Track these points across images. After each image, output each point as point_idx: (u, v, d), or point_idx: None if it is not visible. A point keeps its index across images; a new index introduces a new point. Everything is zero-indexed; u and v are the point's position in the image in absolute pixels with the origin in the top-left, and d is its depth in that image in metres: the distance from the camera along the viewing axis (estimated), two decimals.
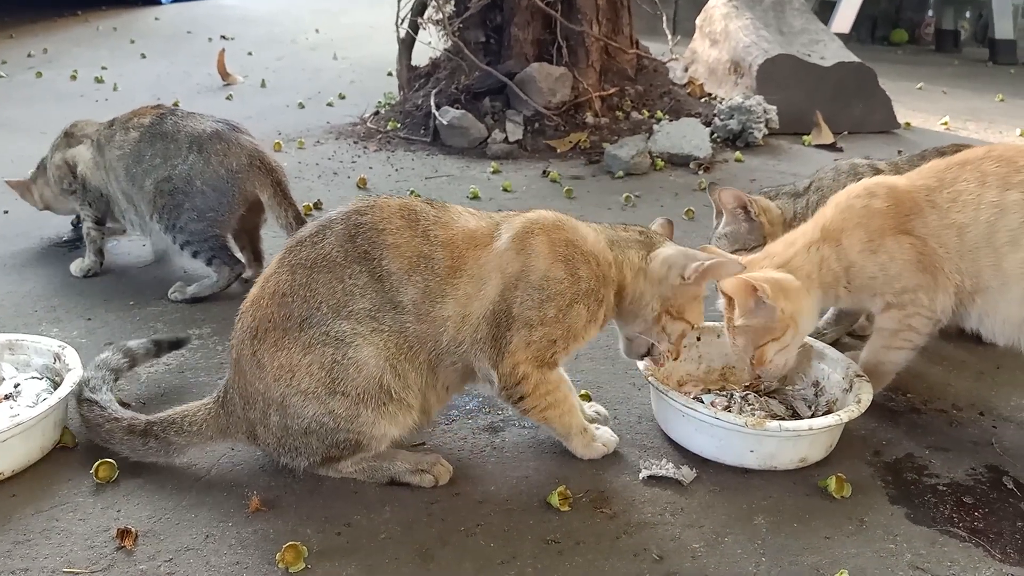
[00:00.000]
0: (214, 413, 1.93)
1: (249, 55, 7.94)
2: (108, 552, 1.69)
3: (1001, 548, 1.78)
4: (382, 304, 1.79)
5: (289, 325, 1.80)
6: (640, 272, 1.94)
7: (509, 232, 1.87)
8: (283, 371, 1.80)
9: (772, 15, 6.06)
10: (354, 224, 1.82)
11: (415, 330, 1.81)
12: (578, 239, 1.89)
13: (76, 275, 3.07)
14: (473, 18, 5.28)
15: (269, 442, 1.89)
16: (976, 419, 2.29)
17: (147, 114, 3.02)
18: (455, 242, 1.84)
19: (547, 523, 1.81)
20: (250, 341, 1.84)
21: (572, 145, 4.95)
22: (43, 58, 7.47)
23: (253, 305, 1.87)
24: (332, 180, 4.35)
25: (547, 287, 1.83)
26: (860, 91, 5.61)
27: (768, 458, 1.99)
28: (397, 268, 1.80)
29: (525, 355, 1.84)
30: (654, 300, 1.95)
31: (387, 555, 1.70)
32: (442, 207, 1.92)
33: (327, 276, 1.79)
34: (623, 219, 3.79)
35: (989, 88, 7.31)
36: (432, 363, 1.86)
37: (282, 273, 1.84)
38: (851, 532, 1.81)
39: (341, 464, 1.91)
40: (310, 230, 1.87)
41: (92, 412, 1.98)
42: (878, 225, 2.14)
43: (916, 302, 2.13)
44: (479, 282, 1.83)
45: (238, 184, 2.86)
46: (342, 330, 1.78)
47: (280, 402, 1.82)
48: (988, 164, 2.10)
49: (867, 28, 10.22)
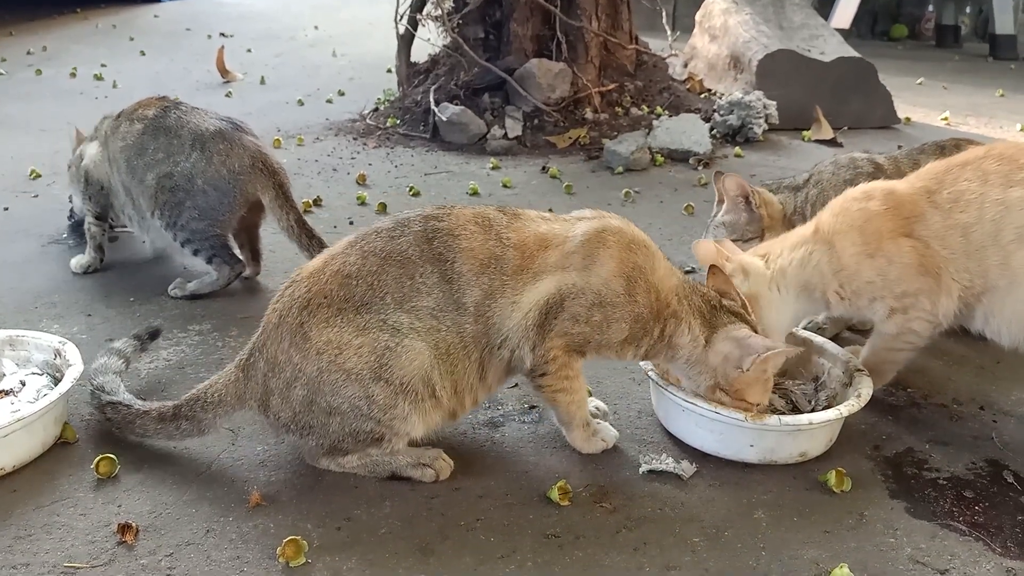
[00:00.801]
0: (234, 378, 1.94)
1: (248, 52, 7.94)
2: (109, 547, 1.69)
3: (1001, 542, 1.78)
4: (445, 304, 1.83)
5: (346, 306, 1.82)
6: (695, 344, 1.94)
7: (582, 236, 1.90)
8: (330, 346, 1.81)
9: (772, 10, 6.05)
10: (432, 228, 1.86)
11: (472, 330, 1.86)
12: (647, 266, 1.92)
13: (76, 271, 3.07)
14: (472, 14, 5.28)
15: (282, 414, 1.88)
16: (976, 413, 2.29)
17: (152, 106, 3.00)
18: (527, 244, 1.88)
19: (547, 517, 1.81)
20: (299, 310, 1.85)
21: (572, 141, 4.95)
22: (43, 55, 7.47)
23: (311, 277, 1.88)
24: (332, 176, 4.35)
25: (602, 295, 1.87)
26: (860, 86, 5.61)
27: (768, 452, 1.99)
28: (468, 270, 1.84)
29: (561, 341, 1.88)
30: (706, 377, 1.96)
31: (387, 549, 1.71)
32: (514, 213, 1.95)
33: (398, 270, 1.83)
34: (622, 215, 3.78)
35: (989, 83, 7.30)
36: (483, 360, 1.89)
37: (351, 255, 1.86)
38: (851, 526, 1.82)
39: (347, 458, 1.91)
40: (387, 224, 1.91)
41: (119, 413, 2.00)
42: (875, 228, 2.13)
43: (918, 306, 2.12)
44: (539, 275, 1.87)
45: (240, 185, 2.85)
46: (400, 321, 1.82)
47: (315, 376, 1.82)
48: (989, 163, 2.09)
49: (867, 23, 10.22)
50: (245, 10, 10.17)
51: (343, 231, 3.51)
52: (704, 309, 1.96)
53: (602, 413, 2.16)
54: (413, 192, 4.06)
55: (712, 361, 1.94)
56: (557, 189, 4.19)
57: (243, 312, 2.79)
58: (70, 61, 7.18)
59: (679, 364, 1.99)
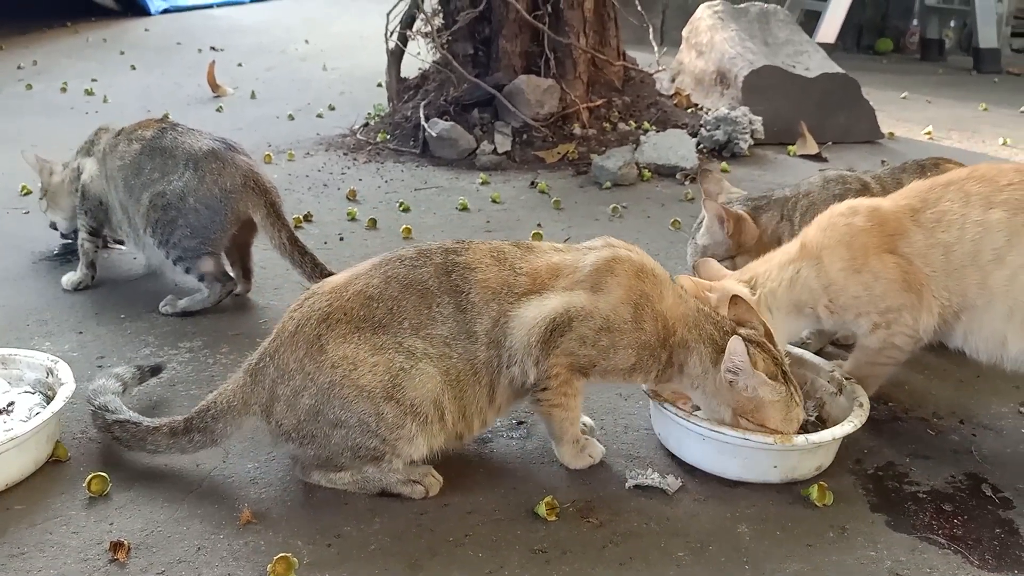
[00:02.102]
0: (242, 383, 1.97)
1: (239, 66, 7.96)
2: (101, 565, 1.71)
3: (979, 555, 1.82)
4: (458, 333, 1.90)
5: (365, 325, 1.88)
6: (707, 372, 1.97)
7: (592, 264, 1.95)
8: (345, 361, 1.85)
9: (757, 26, 6.12)
10: (451, 262, 1.95)
11: (484, 357, 1.92)
12: (655, 294, 1.96)
13: (67, 288, 3.09)
14: (462, 31, 5.32)
15: (285, 422, 1.91)
16: (956, 427, 2.33)
17: (151, 127, 3.05)
18: (538, 272, 1.96)
19: (534, 533, 1.84)
20: (318, 322, 1.89)
21: (560, 156, 4.98)
22: (33, 70, 7.47)
23: (332, 293, 1.93)
24: (322, 192, 4.37)
25: (610, 321, 1.92)
26: (844, 102, 5.67)
27: (790, 471, 2.01)
28: (480, 299, 1.91)
29: (566, 360, 1.92)
30: (725, 406, 1.98)
31: (377, 566, 1.73)
32: (529, 247, 2.03)
33: (417, 299, 1.90)
34: (610, 230, 3.83)
35: (973, 97, 7.38)
36: (493, 382, 1.94)
37: (374, 278, 1.93)
38: (833, 540, 1.85)
39: (340, 474, 1.94)
40: (411, 253, 1.98)
41: (128, 431, 2.01)
42: (861, 244, 2.18)
43: (900, 321, 2.16)
44: (547, 294, 1.92)
45: (231, 204, 2.87)
46: (415, 346, 1.88)
47: (327, 388, 1.85)
48: (971, 184, 2.14)
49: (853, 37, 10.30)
50: (236, 24, 10.19)
51: (334, 247, 3.54)
52: (716, 336, 1.98)
53: (589, 428, 2.20)
54: (403, 207, 4.09)
55: (721, 388, 1.96)
56: (546, 204, 4.22)
57: (234, 329, 2.81)
58: (60, 75, 7.18)
59: (697, 394, 2.02)
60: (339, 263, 2.13)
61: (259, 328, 2.82)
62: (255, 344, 2.01)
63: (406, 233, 3.69)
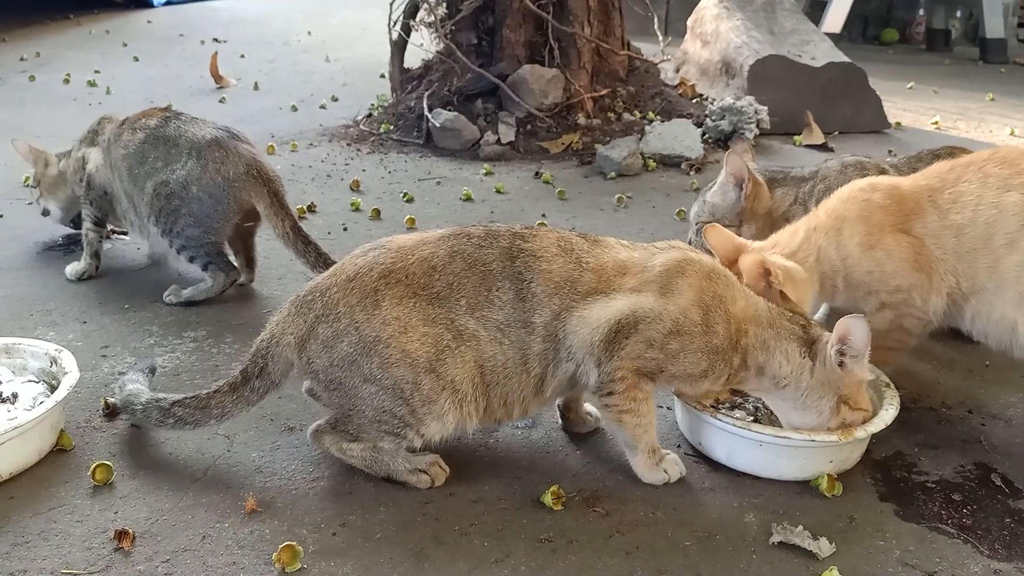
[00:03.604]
0: (286, 313, 1.95)
1: (241, 57, 7.94)
2: (106, 553, 1.71)
3: (989, 544, 1.81)
4: (514, 321, 1.87)
5: (423, 293, 1.87)
6: (802, 368, 1.91)
7: (662, 265, 1.90)
8: (397, 322, 1.84)
9: (763, 16, 6.09)
10: (517, 247, 1.91)
11: (538, 349, 1.88)
12: (727, 297, 1.91)
13: (71, 278, 3.08)
14: (465, 20, 5.30)
15: (316, 361, 1.89)
16: (965, 417, 2.31)
17: (154, 116, 3.05)
18: (604, 268, 1.91)
19: (540, 522, 1.83)
20: (379, 276, 1.88)
21: (564, 146, 4.97)
22: (36, 62, 7.46)
23: (398, 252, 1.92)
24: (326, 183, 4.36)
25: (679, 324, 1.86)
26: (850, 91, 5.64)
27: (842, 464, 2.00)
28: (542, 291, 1.87)
29: (632, 364, 1.86)
30: (829, 397, 1.92)
31: (382, 555, 1.72)
32: (596, 240, 1.98)
33: (478, 279, 1.88)
34: (615, 220, 3.82)
35: (980, 87, 7.35)
36: (545, 375, 1.91)
37: (441, 250, 1.91)
38: (841, 530, 1.84)
39: (352, 444, 1.93)
40: (480, 232, 1.96)
41: (190, 406, 1.98)
42: (878, 220, 2.16)
43: (909, 302, 2.14)
44: (613, 295, 1.87)
45: (234, 193, 2.86)
46: (466, 326, 1.87)
47: (371, 342, 1.84)
48: (991, 166, 2.10)
49: (858, 27, 10.26)
50: (238, 15, 10.17)
51: (337, 237, 3.53)
52: (797, 330, 1.93)
53: (595, 419, 2.17)
54: (407, 198, 4.08)
55: (829, 374, 1.90)
56: (550, 194, 4.21)
57: (238, 319, 2.80)
58: (63, 67, 7.17)
59: (787, 395, 1.94)
60: (342, 253, 2.11)
61: (263, 317, 2.79)
62: (259, 333, 2.00)
63: (410, 224, 3.68)
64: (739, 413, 2.14)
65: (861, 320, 1.84)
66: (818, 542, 1.77)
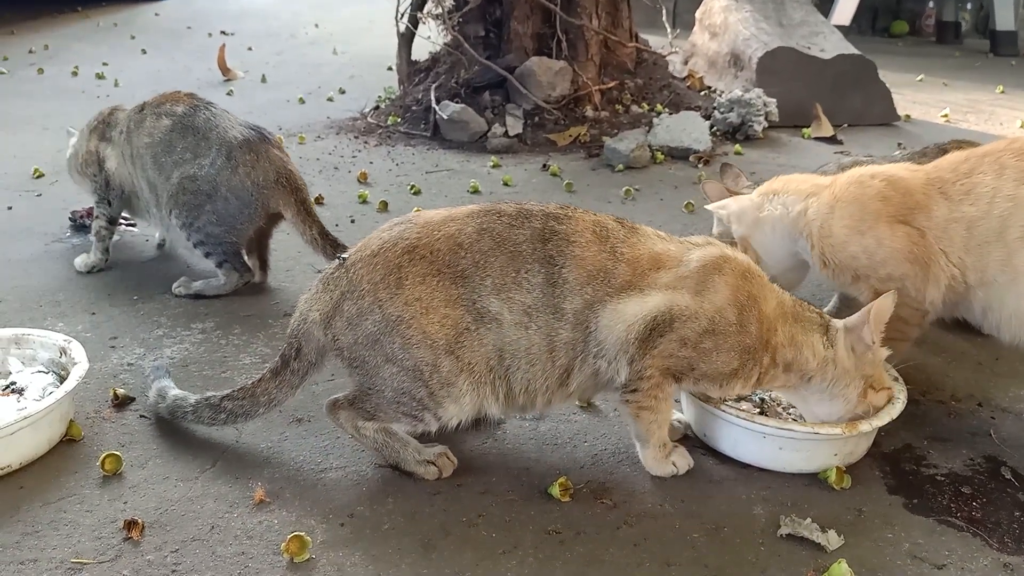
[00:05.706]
0: (313, 291, 1.94)
1: (249, 50, 7.95)
2: (115, 543, 1.71)
3: (999, 537, 1.80)
4: (543, 306, 1.83)
5: (447, 271, 1.83)
6: (827, 360, 1.91)
7: (699, 261, 1.87)
8: (419, 303, 1.82)
9: (772, 7, 6.06)
10: (550, 229, 1.86)
11: (567, 337, 1.84)
12: (761, 297, 1.89)
13: (80, 270, 3.08)
14: (473, 12, 5.29)
15: (341, 337, 1.88)
16: (975, 410, 2.30)
17: (181, 101, 2.99)
18: (640, 260, 1.86)
19: (548, 514, 1.83)
20: (403, 252, 1.85)
21: (572, 139, 4.96)
22: (44, 54, 7.48)
23: (424, 227, 1.89)
24: (333, 175, 4.36)
25: (715, 323, 1.83)
26: (860, 83, 5.62)
27: (847, 456, 1.99)
28: (574, 278, 1.83)
29: (662, 362, 1.85)
30: (854, 386, 1.92)
31: (390, 545, 1.72)
32: (632, 228, 1.93)
33: (507, 259, 1.83)
34: (623, 212, 3.81)
35: (990, 80, 7.31)
36: (571, 366, 1.87)
37: (469, 227, 1.87)
38: (849, 522, 1.83)
39: (367, 424, 1.92)
40: (511, 210, 1.90)
41: (237, 399, 1.99)
42: (875, 209, 2.14)
43: (902, 292, 2.12)
44: (649, 291, 1.84)
45: (263, 199, 2.85)
46: (489, 307, 1.82)
47: (394, 321, 1.83)
48: (1008, 157, 2.05)
49: (868, 20, 10.22)
50: (245, 8, 10.17)
51: (345, 229, 3.52)
52: (815, 318, 1.93)
53: (683, 427, 2.13)
54: (414, 190, 4.07)
55: (850, 361, 1.91)
56: (558, 187, 4.20)
57: (246, 311, 2.81)
58: (72, 60, 7.19)
59: (813, 388, 1.94)
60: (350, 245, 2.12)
61: (271, 310, 2.81)
62: (267, 325, 2.00)
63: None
64: (745, 405, 2.14)
65: (888, 297, 1.88)
66: (826, 534, 1.76)
